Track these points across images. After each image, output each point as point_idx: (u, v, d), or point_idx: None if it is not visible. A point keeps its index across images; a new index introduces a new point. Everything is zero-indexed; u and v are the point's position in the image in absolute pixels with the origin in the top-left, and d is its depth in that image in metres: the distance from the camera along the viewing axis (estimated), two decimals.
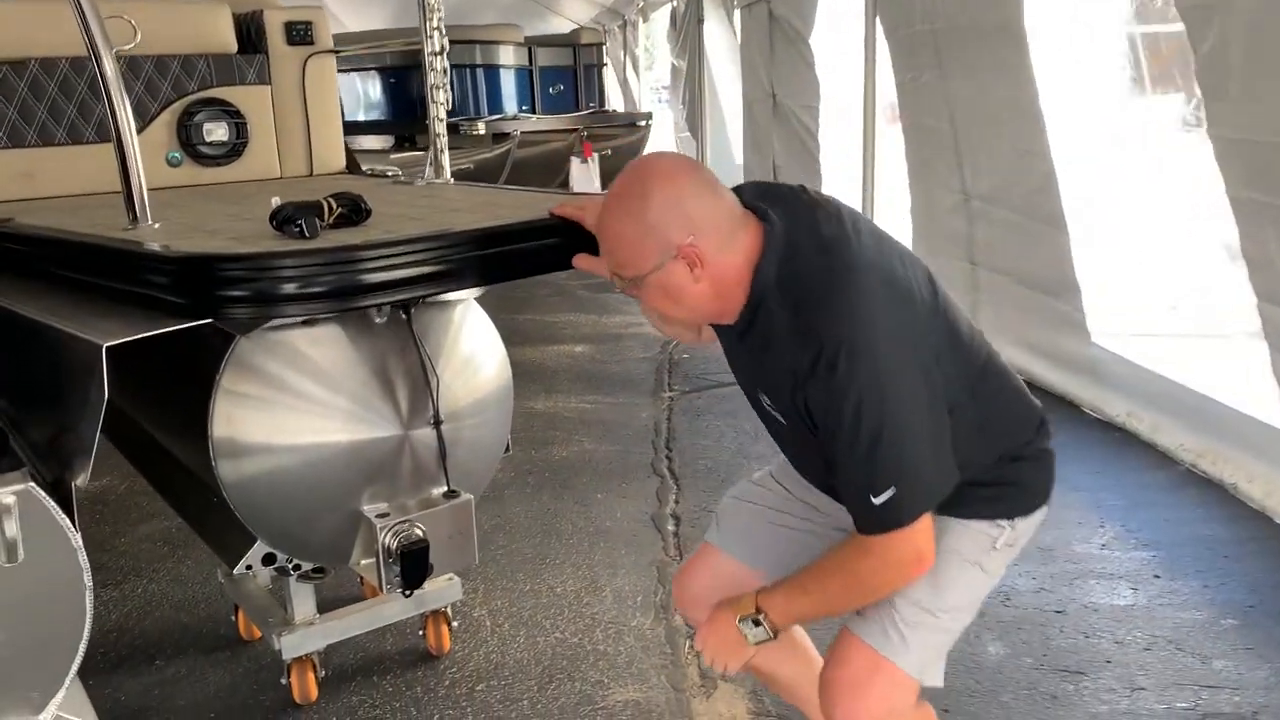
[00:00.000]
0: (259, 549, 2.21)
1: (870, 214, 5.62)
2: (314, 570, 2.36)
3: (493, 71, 9.31)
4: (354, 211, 1.94)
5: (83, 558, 1.49)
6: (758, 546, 1.88)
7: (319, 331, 2.12)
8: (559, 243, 1.86)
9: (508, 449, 2.50)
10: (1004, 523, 1.66)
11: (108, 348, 1.34)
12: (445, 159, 2.74)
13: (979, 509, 1.65)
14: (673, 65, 10.98)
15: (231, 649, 2.75)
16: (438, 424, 2.22)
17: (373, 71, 9.08)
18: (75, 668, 1.55)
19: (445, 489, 2.24)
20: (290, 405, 2.11)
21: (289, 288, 1.52)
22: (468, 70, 8.99)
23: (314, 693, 2.48)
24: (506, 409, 2.41)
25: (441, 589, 2.59)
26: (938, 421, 1.50)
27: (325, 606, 2.50)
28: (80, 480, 1.48)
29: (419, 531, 2.12)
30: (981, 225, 4.62)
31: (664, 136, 11.64)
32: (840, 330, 1.42)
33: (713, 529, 1.96)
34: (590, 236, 1.69)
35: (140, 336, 1.41)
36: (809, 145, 6.92)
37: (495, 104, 9.27)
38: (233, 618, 2.79)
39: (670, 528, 3.43)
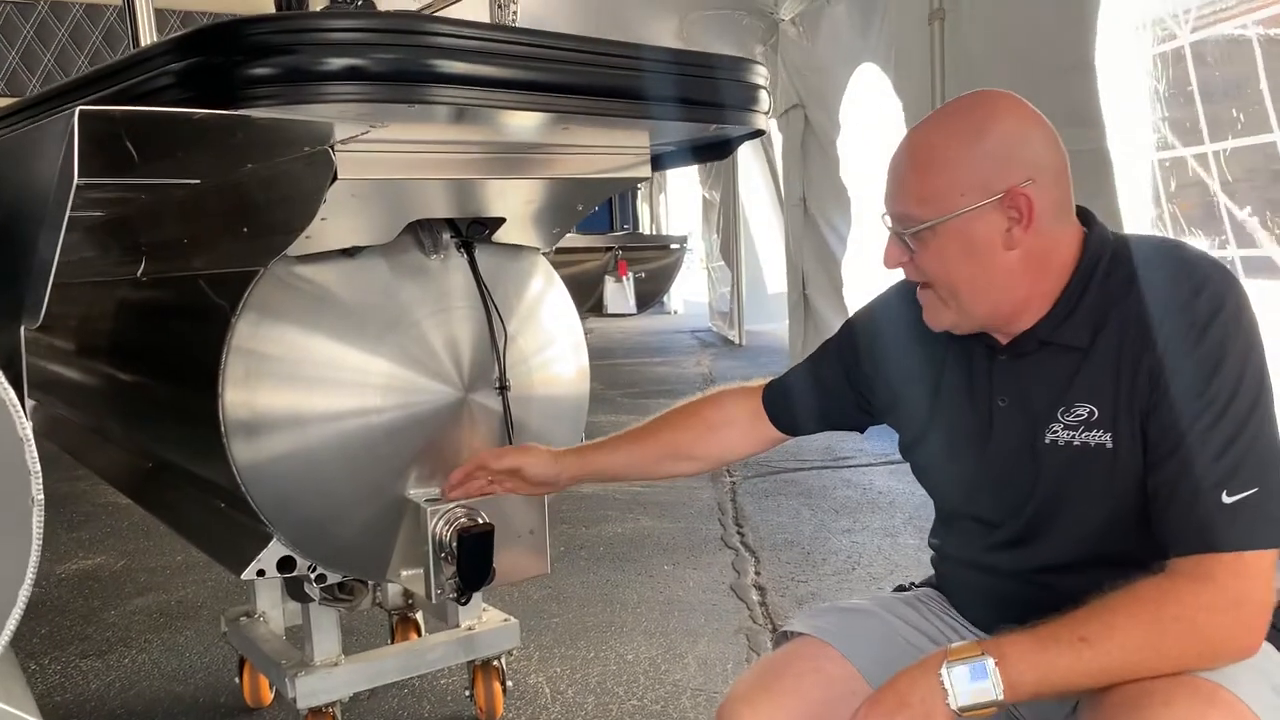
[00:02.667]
0: (274, 550, 1.74)
1: None
2: (341, 590, 1.88)
3: None
4: None
5: (31, 454, 1.03)
6: (888, 661, 1.22)
7: (359, 270, 1.72)
8: None
9: None
10: None
11: (83, 113, 0.94)
12: None
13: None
14: (703, 198, 10.88)
15: (235, 717, 2.22)
16: (504, 389, 1.79)
17: None
18: (13, 622, 1.08)
19: None
20: (323, 363, 1.69)
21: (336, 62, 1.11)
22: None
23: None
24: (582, 388, 1.97)
25: (495, 630, 2.08)
26: None
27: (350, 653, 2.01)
28: (31, 323, 1.04)
29: (480, 518, 1.66)
30: None
31: (694, 265, 11.48)
32: (1216, 285, 1.11)
33: (808, 620, 1.37)
34: None
35: (127, 110, 1.00)
36: (834, 250, 6.59)
37: None
38: (236, 679, 2.26)
39: (755, 597, 2.91)
